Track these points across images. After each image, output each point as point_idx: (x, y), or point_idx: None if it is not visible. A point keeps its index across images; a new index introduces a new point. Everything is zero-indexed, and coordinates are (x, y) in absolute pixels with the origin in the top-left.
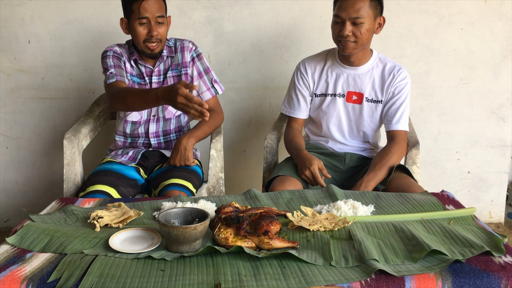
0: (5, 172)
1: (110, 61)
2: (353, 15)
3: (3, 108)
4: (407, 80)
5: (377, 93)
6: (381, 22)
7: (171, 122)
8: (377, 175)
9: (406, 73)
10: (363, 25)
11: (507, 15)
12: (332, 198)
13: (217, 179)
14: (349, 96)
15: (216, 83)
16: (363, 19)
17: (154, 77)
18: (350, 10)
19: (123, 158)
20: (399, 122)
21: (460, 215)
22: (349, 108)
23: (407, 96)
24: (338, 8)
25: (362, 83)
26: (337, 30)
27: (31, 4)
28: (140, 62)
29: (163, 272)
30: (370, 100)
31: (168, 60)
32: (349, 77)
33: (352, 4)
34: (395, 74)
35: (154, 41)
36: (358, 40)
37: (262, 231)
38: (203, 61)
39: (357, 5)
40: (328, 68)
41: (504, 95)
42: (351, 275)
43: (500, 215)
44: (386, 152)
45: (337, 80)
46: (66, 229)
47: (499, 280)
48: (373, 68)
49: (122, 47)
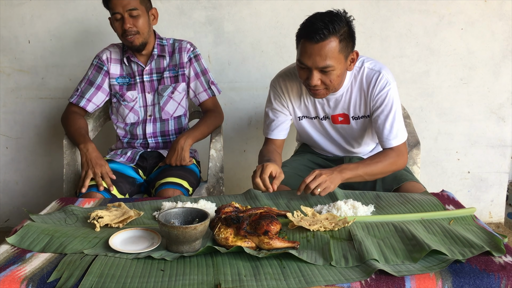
0: (5, 172)
1: (89, 72)
2: (320, 65)
3: (3, 108)
4: (388, 86)
5: (362, 109)
6: (354, 57)
7: (169, 123)
8: (358, 169)
9: (386, 76)
10: (333, 72)
11: (507, 15)
12: (332, 198)
13: (217, 179)
14: (334, 119)
15: (213, 84)
16: (332, 67)
17: (146, 75)
18: (316, 59)
19: (121, 158)
20: (389, 138)
21: (460, 215)
22: (339, 128)
23: (393, 103)
24: (301, 53)
25: (344, 104)
26: (303, 75)
27: (31, 4)
28: (132, 60)
29: (163, 272)
30: (357, 117)
31: (162, 59)
32: (330, 102)
33: (318, 51)
34: (374, 84)
35: (129, 34)
36: (329, 86)
37: (262, 231)
38: (201, 62)
39: (324, 52)
40: (303, 90)
41: (504, 95)
42: (351, 275)
43: (500, 215)
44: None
45: (316, 104)
46: (66, 229)
47: (499, 280)
48: (352, 83)
49: (116, 47)
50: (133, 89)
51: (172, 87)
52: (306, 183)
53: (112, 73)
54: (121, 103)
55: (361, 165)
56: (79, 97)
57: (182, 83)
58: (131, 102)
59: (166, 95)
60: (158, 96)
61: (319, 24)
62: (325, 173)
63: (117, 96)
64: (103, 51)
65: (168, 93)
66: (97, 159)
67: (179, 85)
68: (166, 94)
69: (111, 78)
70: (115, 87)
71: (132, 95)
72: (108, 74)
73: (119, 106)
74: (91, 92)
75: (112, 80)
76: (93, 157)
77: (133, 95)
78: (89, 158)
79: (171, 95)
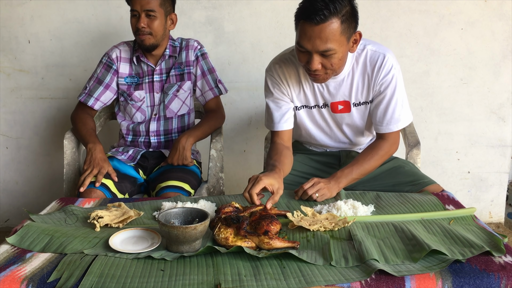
0: (5, 172)
1: (98, 70)
2: (321, 48)
3: (3, 108)
4: (393, 70)
5: (364, 94)
6: (357, 38)
7: (173, 122)
8: (352, 174)
9: (391, 60)
10: (335, 55)
11: (507, 15)
12: (332, 198)
13: (217, 179)
14: (334, 107)
15: (220, 83)
16: (333, 50)
17: (156, 75)
18: (316, 42)
19: (123, 156)
20: (390, 123)
21: (460, 215)
22: (338, 118)
23: (396, 87)
24: (301, 36)
25: (345, 90)
26: (303, 59)
27: (31, 4)
28: (142, 59)
29: (163, 272)
30: (358, 104)
31: (171, 59)
32: (330, 87)
33: (318, 33)
34: (379, 67)
35: (142, 33)
36: (331, 70)
37: (262, 231)
38: (208, 60)
39: (325, 34)
40: (301, 76)
41: (504, 95)
42: (351, 275)
43: (500, 215)
44: (371, 153)
45: (315, 91)
46: (66, 229)
47: (499, 280)
48: (353, 67)
49: (127, 45)
50: (141, 88)
51: (177, 85)
52: (304, 189)
53: (121, 72)
54: (129, 102)
55: (354, 167)
56: (87, 96)
57: (187, 82)
58: (139, 102)
59: (171, 93)
60: (164, 94)
61: (319, 4)
62: (323, 182)
63: (125, 96)
64: (112, 49)
65: (173, 91)
66: (101, 161)
67: (185, 83)
68: (171, 93)
69: (119, 77)
70: (122, 86)
71: (139, 95)
72: (117, 73)
73: (127, 105)
74: (99, 91)
75: (120, 80)
76: (98, 157)
77: (140, 95)
78: (95, 157)
79: (176, 93)
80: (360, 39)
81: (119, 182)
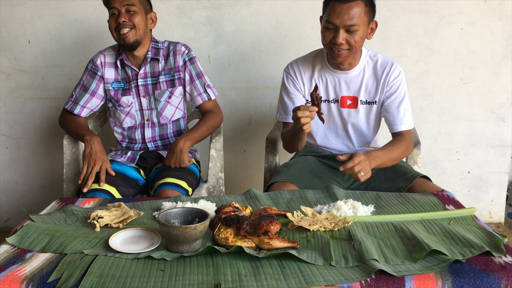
0: (5, 172)
1: (83, 77)
2: (348, 22)
3: (3, 108)
4: (401, 75)
5: (372, 94)
6: (373, 27)
7: (168, 127)
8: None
9: (399, 68)
10: (358, 33)
11: (507, 15)
12: (332, 198)
13: (217, 179)
14: (343, 101)
15: (209, 88)
16: (357, 27)
17: (140, 79)
18: (344, 17)
19: (122, 158)
20: (402, 122)
21: (460, 215)
22: (345, 114)
23: (405, 92)
24: (330, 14)
25: (355, 86)
26: (329, 36)
27: (31, 4)
28: (126, 63)
29: (163, 272)
30: (364, 102)
31: (156, 63)
32: (341, 81)
33: (346, 10)
34: (388, 72)
35: (123, 27)
36: (352, 48)
37: (262, 231)
38: (196, 65)
39: (352, 11)
40: (317, 73)
41: (504, 95)
42: (351, 275)
43: (500, 215)
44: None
45: (328, 85)
46: (66, 229)
47: (499, 280)
48: (365, 68)
49: (112, 50)
50: (128, 94)
51: (169, 91)
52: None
53: (107, 78)
54: (117, 108)
55: (385, 152)
56: (74, 104)
57: (179, 87)
58: (127, 107)
59: (163, 100)
60: (155, 101)
61: None
62: (364, 160)
63: (113, 101)
64: (97, 55)
65: (165, 98)
66: (100, 154)
67: (176, 89)
68: (163, 99)
69: (106, 83)
70: (110, 92)
71: (127, 100)
72: (103, 79)
73: (115, 110)
74: (85, 99)
75: (107, 85)
76: (97, 150)
77: (128, 100)
78: (94, 150)
79: (168, 100)
80: (376, 28)
81: (122, 187)
